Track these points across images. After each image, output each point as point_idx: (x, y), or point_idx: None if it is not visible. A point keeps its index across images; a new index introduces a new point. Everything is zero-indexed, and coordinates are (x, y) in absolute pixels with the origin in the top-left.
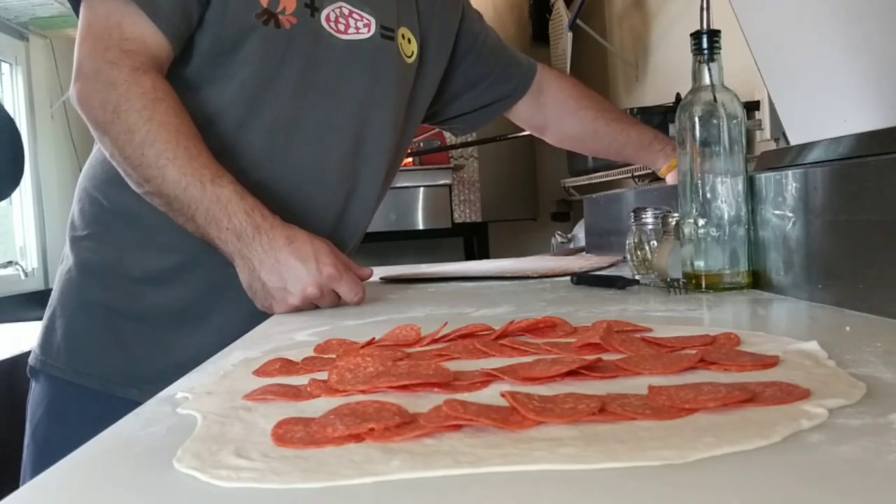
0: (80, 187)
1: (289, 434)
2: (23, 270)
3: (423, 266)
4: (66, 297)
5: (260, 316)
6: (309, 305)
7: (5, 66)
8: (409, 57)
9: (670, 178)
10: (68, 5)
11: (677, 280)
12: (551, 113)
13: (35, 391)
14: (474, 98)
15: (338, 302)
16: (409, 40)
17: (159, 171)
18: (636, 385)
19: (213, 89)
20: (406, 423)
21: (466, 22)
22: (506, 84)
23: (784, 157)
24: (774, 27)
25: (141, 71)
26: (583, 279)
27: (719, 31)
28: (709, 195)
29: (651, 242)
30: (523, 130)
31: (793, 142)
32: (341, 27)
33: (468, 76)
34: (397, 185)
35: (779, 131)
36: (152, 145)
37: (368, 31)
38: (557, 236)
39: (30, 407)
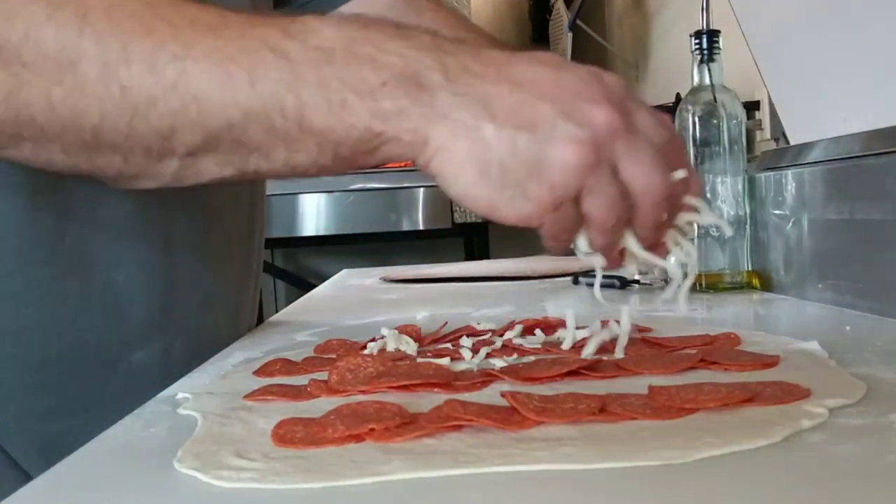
0: None
1: (289, 434)
2: None
3: (424, 266)
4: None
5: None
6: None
7: None
8: None
9: None
10: None
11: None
12: None
13: None
14: None
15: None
16: None
17: (192, 98)
18: (636, 385)
19: None
20: (406, 424)
21: None
22: None
23: (784, 157)
24: (774, 27)
25: None
26: (583, 279)
27: (719, 31)
28: (709, 195)
29: None
30: None
31: (793, 142)
32: None
33: None
34: (397, 185)
35: (779, 131)
36: (140, 60)
37: None
38: None
39: None
